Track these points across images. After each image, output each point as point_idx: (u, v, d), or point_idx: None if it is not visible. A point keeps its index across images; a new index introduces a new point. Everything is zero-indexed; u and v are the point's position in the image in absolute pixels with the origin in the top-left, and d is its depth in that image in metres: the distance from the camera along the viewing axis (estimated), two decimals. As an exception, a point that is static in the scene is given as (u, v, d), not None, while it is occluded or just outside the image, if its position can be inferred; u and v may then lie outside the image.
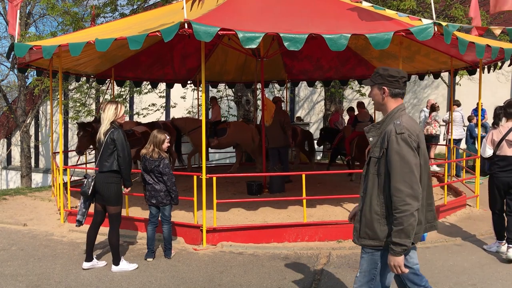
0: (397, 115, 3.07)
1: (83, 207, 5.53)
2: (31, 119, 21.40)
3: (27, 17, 19.17)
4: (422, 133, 3.11)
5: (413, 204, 2.85)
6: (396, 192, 2.88)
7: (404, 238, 2.86)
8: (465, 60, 8.83)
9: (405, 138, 2.91)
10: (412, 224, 2.86)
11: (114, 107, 5.35)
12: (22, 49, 6.52)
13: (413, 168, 2.88)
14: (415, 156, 2.92)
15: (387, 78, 3.08)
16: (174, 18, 6.25)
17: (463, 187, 8.85)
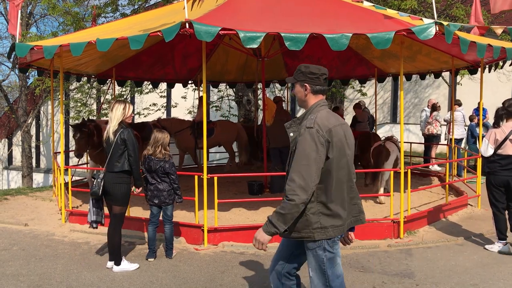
0: (315, 110, 3.14)
1: (96, 207, 5.50)
2: (32, 119, 21.42)
3: (28, 17, 19.19)
4: (341, 128, 3.13)
5: (301, 196, 2.93)
6: (290, 181, 2.97)
7: (281, 222, 2.97)
8: (466, 59, 8.82)
9: (312, 132, 2.97)
10: (294, 214, 2.96)
11: (122, 107, 5.35)
12: (23, 49, 6.53)
13: (311, 162, 2.94)
14: (317, 150, 2.97)
15: (308, 75, 3.16)
16: (175, 18, 6.25)
17: (464, 186, 8.84)
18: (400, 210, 6.58)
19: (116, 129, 5.31)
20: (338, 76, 12.53)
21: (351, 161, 3.21)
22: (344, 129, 3.15)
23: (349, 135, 3.21)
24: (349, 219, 3.20)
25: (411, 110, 18.29)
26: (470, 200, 8.32)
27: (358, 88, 15.58)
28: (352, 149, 3.23)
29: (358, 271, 5.35)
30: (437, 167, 11.85)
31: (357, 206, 3.26)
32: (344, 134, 3.14)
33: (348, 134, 3.19)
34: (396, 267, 5.49)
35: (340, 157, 3.09)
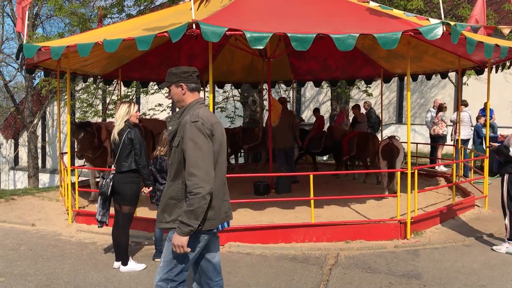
0: (195, 107, 3.19)
1: (102, 207, 5.52)
2: (38, 119, 21.53)
3: (34, 18, 19.27)
4: (220, 125, 3.21)
5: (205, 187, 2.96)
6: (190, 176, 2.98)
7: (193, 219, 2.96)
8: (473, 60, 8.78)
9: (199, 125, 3.03)
10: (203, 207, 2.97)
11: (127, 106, 5.40)
12: (31, 50, 6.56)
13: (205, 154, 3.00)
14: (208, 142, 3.03)
15: (182, 75, 3.21)
16: (181, 19, 6.26)
17: (471, 187, 8.80)
18: (407, 211, 6.56)
19: (122, 128, 5.32)
20: (343, 76, 12.52)
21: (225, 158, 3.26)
22: (221, 127, 3.25)
23: (224, 132, 3.28)
24: (221, 215, 3.23)
25: (416, 110, 18.25)
26: (477, 201, 8.28)
27: (363, 88, 15.55)
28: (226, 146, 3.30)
29: (365, 272, 5.34)
30: (443, 167, 11.80)
31: (227, 203, 3.32)
32: (222, 132, 3.23)
33: (224, 133, 3.28)
34: (403, 268, 5.47)
35: (220, 153, 3.17)
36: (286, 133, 9.56)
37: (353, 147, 10.02)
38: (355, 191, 8.64)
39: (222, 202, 3.24)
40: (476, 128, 11.70)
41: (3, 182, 27.23)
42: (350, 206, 7.72)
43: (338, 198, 7.69)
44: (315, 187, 6.70)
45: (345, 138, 10.42)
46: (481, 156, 9.22)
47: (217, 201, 3.14)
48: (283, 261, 5.74)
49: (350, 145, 10.13)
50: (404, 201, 6.66)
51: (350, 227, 6.55)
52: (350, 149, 10.15)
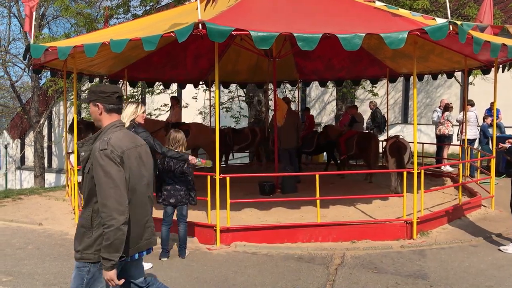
0: (108, 131, 3.06)
1: None
2: (44, 119, 21.64)
3: (41, 19, 19.37)
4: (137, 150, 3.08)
5: (119, 219, 2.85)
6: (103, 207, 2.87)
7: (113, 252, 2.87)
8: (480, 59, 8.75)
9: (107, 153, 2.90)
10: (120, 238, 2.86)
11: (134, 106, 5.45)
12: (38, 50, 6.60)
13: (117, 183, 2.88)
14: (119, 170, 2.91)
15: (100, 94, 3.09)
16: (187, 19, 6.28)
17: (477, 187, 8.76)
18: (413, 211, 6.55)
19: (128, 127, 5.34)
20: (349, 76, 12.50)
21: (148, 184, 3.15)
22: (140, 151, 3.12)
23: (146, 156, 3.17)
24: (142, 242, 3.13)
25: (422, 110, 18.18)
26: (484, 201, 8.24)
27: (369, 88, 15.52)
28: (150, 171, 3.18)
29: (371, 272, 5.33)
30: (449, 167, 11.76)
31: (150, 229, 3.21)
32: (139, 156, 3.11)
33: (145, 156, 3.16)
34: (409, 268, 5.46)
35: (136, 180, 3.04)
36: (291, 133, 9.56)
37: (352, 147, 10.11)
38: (361, 191, 8.63)
39: (144, 229, 3.14)
40: (483, 128, 11.65)
41: (9, 181, 27.40)
42: (356, 206, 7.71)
43: (343, 198, 7.69)
44: (321, 187, 6.69)
45: (342, 138, 10.49)
46: (487, 156, 9.17)
47: (135, 229, 3.04)
48: (289, 260, 5.75)
49: (349, 144, 10.20)
50: (410, 201, 6.65)
51: (356, 227, 6.55)
52: (348, 149, 10.23)
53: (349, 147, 10.21)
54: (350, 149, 10.20)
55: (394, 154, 8.65)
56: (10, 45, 23.90)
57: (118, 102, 3.14)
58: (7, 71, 22.71)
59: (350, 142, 10.20)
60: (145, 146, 3.20)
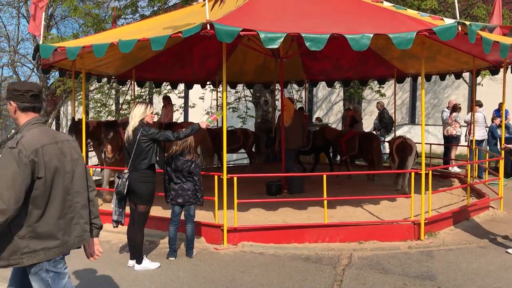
0: (24, 129, 3.00)
1: (118, 207, 5.57)
2: (52, 119, 21.76)
3: (49, 19, 19.51)
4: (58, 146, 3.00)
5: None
6: None
7: None
8: (488, 60, 8.70)
9: (14, 152, 2.83)
10: None
11: (144, 106, 5.50)
12: (47, 50, 6.66)
13: (9, 183, 2.79)
14: (19, 173, 2.81)
15: (13, 93, 3.03)
16: (195, 19, 6.30)
17: (486, 188, 8.71)
18: (421, 212, 6.52)
19: (136, 127, 5.38)
20: (356, 76, 12.48)
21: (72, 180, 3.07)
22: (61, 147, 3.04)
23: (70, 151, 3.08)
24: (71, 240, 3.09)
25: (430, 111, 18.10)
26: (492, 202, 8.19)
27: (376, 88, 15.47)
28: (77, 166, 3.10)
29: (379, 273, 5.32)
30: (457, 168, 11.70)
31: (79, 226, 3.15)
32: (61, 152, 3.03)
33: (68, 151, 3.07)
34: (417, 269, 5.45)
35: (54, 177, 2.97)
36: (298, 133, 9.55)
37: (355, 147, 10.22)
38: (368, 192, 8.61)
39: (71, 227, 3.07)
40: (491, 129, 11.58)
41: (17, 181, 27.56)
42: (363, 206, 7.69)
43: (351, 199, 7.67)
44: (328, 187, 6.69)
45: (343, 138, 10.59)
46: (496, 157, 9.12)
47: (52, 229, 2.96)
48: (296, 261, 5.75)
49: (350, 145, 10.31)
50: (417, 202, 6.63)
51: (363, 228, 6.54)
52: (350, 149, 10.33)
53: (350, 148, 10.32)
54: (351, 150, 10.31)
55: (399, 154, 8.79)
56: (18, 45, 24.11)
57: (33, 100, 3.04)
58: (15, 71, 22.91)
59: (351, 142, 10.31)
60: (69, 142, 3.10)
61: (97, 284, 5.04)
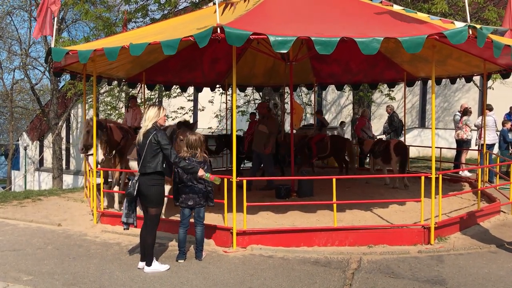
0: None
1: (128, 209, 5.61)
2: (63, 122, 21.97)
3: (60, 23, 19.71)
4: None
5: None
6: None
7: None
8: (499, 63, 8.65)
9: None
10: None
11: (156, 108, 5.53)
12: (59, 53, 6.72)
13: None
14: None
15: None
16: (205, 23, 6.33)
17: (496, 193, 8.64)
18: (431, 216, 6.49)
19: (149, 130, 5.40)
20: (366, 80, 12.46)
21: None
22: None
23: None
24: None
25: (440, 114, 18.00)
26: (503, 207, 8.13)
27: (386, 92, 15.41)
28: None
29: (389, 277, 5.30)
30: (467, 172, 11.61)
31: None
32: None
33: None
34: (427, 273, 5.42)
35: None
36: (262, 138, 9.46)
37: (326, 149, 10.94)
38: (378, 196, 8.58)
39: None
40: (502, 133, 11.49)
41: (28, 182, 27.85)
42: (373, 210, 7.66)
43: (360, 202, 7.65)
44: (337, 191, 6.67)
45: (312, 140, 11.13)
46: (507, 161, 9.05)
47: None
48: (305, 264, 5.74)
49: (321, 146, 10.96)
50: (428, 206, 6.59)
51: (373, 232, 6.51)
52: (320, 151, 11.00)
53: (321, 149, 10.94)
54: (322, 151, 10.97)
55: (398, 153, 9.54)
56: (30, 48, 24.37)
57: None
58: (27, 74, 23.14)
59: (322, 144, 10.95)
60: None
61: (107, 286, 5.07)
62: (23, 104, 30.25)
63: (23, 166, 29.32)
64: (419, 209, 6.68)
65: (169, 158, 5.36)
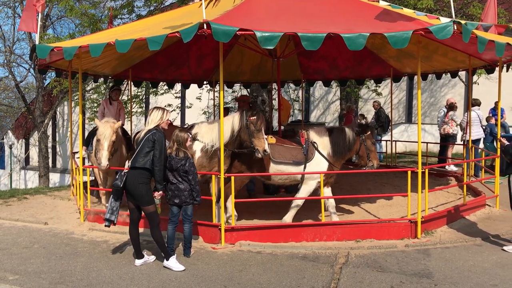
0: None
1: (113, 205, 5.61)
2: (49, 119, 21.71)
3: (45, 19, 19.45)
4: None
5: None
6: None
7: None
8: (484, 58, 8.73)
9: None
10: None
11: (161, 112, 5.58)
12: (44, 50, 6.64)
13: None
14: None
15: None
16: (192, 19, 6.30)
17: (482, 187, 8.75)
18: (418, 210, 6.55)
19: (150, 129, 5.45)
20: (353, 75, 12.50)
21: None
22: None
23: None
24: None
25: (426, 109, 18.16)
26: (488, 200, 8.23)
27: (373, 88, 15.48)
28: None
29: (376, 271, 5.35)
30: (454, 167, 11.74)
31: None
32: None
33: None
34: (414, 267, 5.47)
35: None
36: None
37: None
38: (365, 191, 8.63)
39: None
40: (490, 126, 11.62)
41: (14, 181, 27.51)
42: (360, 205, 7.72)
43: (348, 197, 7.69)
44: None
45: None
46: (491, 155, 9.17)
47: None
48: (294, 259, 5.77)
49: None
50: (414, 201, 6.66)
51: (360, 227, 6.56)
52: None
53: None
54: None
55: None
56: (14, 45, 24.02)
57: None
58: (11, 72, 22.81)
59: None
60: None
61: (95, 284, 5.04)
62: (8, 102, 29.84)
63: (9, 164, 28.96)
64: (406, 204, 6.74)
65: (154, 161, 5.40)
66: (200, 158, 6.60)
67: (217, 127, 6.45)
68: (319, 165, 6.80)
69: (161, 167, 5.43)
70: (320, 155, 6.81)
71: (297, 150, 6.82)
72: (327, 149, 6.87)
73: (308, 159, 6.74)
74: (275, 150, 6.71)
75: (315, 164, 6.78)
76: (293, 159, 6.73)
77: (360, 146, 6.96)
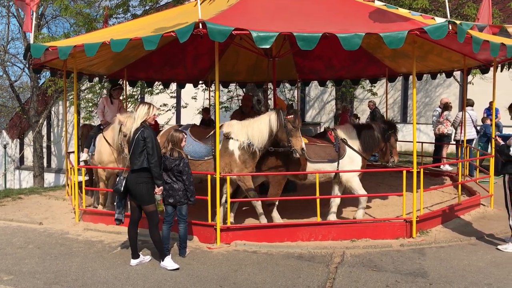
0: None
1: (119, 205, 5.65)
2: (43, 119, 21.63)
3: (40, 19, 19.37)
4: None
5: None
6: None
7: None
8: (478, 58, 8.77)
9: None
10: None
11: (146, 107, 5.52)
12: (39, 50, 6.61)
13: None
14: None
15: None
16: (187, 19, 6.28)
17: (477, 186, 8.79)
18: (413, 210, 6.57)
19: (138, 128, 5.41)
20: (348, 75, 12.51)
21: None
22: None
23: None
24: None
25: (421, 109, 18.21)
26: (483, 200, 8.27)
27: (368, 87, 15.51)
28: None
29: (371, 270, 5.36)
30: (448, 167, 11.78)
31: None
32: None
33: None
34: (409, 266, 5.49)
35: None
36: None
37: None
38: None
39: None
40: (485, 126, 11.67)
41: (8, 181, 27.37)
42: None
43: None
44: (320, 186, 6.71)
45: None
46: (486, 155, 9.21)
47: None
48: (289, 259, 5.77)
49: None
50: (409, 200, 6.67)
51: (356, 226, 6.57)
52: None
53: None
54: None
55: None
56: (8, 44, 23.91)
57: None
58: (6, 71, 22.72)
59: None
60: None
61: (90, 284, 5.03)
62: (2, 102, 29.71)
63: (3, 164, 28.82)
64: (401, 203, 6.76)
65: (149, 157, 5.36)
66: (241, 155, 6.55)
67: (252, 125, 6.51)
68: (353, 160, 6.97)
69: (157, 163, 5.40)
70: (352, 150, 6.97)
71: (330, 148, 6.95)
72: (357, 145, 7.06)
73: (340, 156, 6.87)
74: (310, 150, 6.76)
75: (349, 160, 6.94)
76: (327, 157, 6.85)
77: (386, 143, 7.11)
